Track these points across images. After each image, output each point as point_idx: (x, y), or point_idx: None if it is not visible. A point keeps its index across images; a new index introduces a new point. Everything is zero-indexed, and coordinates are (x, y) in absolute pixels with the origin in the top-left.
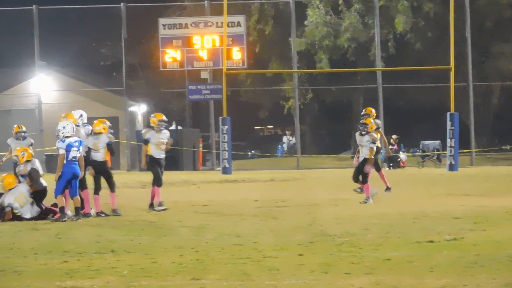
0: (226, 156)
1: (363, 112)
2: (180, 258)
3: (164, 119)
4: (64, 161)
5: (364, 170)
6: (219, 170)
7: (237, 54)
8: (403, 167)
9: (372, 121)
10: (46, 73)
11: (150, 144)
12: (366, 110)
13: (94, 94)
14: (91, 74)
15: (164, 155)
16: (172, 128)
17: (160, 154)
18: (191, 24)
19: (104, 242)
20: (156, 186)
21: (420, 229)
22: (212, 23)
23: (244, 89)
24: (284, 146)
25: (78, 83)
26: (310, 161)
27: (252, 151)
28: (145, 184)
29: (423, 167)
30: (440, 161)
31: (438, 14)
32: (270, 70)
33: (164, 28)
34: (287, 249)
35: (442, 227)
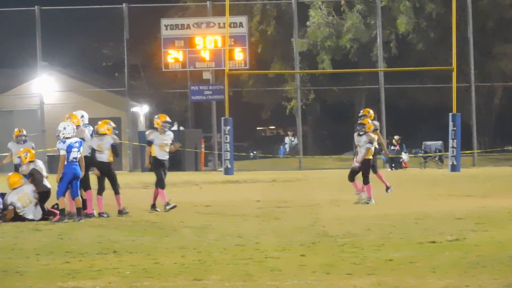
0: (228, 157)
1: (361, 113)
2: (182, 258)
3: (168, 120)
4: (65, 162)
5: (353, 167)
6: (221, 170)
7: (239, 55)
8: (405, 167)
9: (370, 121)
10: (48, 73)
11: (154, 146)
12: (363, 111)
13: (96, 95)
14: (93, 74)
15: (168, 156)
16: (174, 128)
17: (164, 155)
18: (193, 25)
19: (106, 243)
20: (160, 188)
21: (422, 229)
22: (214, 24)
23: (246, 89)
24: (286, 146)
25: (80, 84)
26: (312, 161)
27: (254, 152)
28: (147, 184)
29: (425, 167)
30: (442, 161)
31: (440, 14)
32: (272, 70)
33: (166, 29)
34: (289, 249)
35: (444, 228)
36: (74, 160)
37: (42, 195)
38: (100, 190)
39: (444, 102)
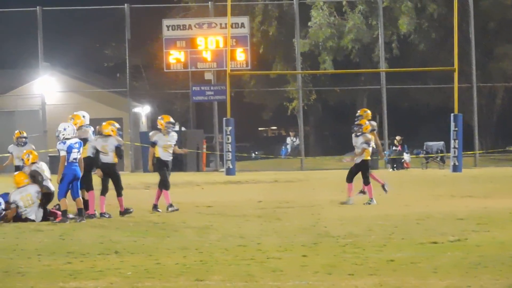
0: (230, 157)
1: (358, 113)
2: (184, 259)
3: (171, 121)
4: (65, 163)
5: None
6: (223, 171)
7: (241, 55)
8: (407, 168)
9: (367, 122)
10: (49, 74)
11: (158, 147)
12: (360, 111)
13: (98, 95)
14: (95, 75)
15: (171, 157)
16: (176, 129)
17: (167, 156)
18: (195, 25)
19: (107, 243)
20: (164, 190)
21: (424, 230)
22: (216, 24)
23: (248, 90)
24: (288, 147)
25: (82, 84)
26: (313, 162)
27: (256, 152)
28: (149, 185)
29: (426, 168)
30: (444, 162)
31: (442, 15)
32: (274, 71)
33: (168, 29)
34: (290, 250)
35: (446, 228)
36: (74, 161)
37: (45, 197)
38: (104, 191)
39: (445, 102)
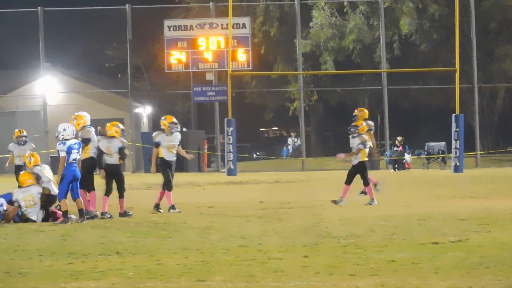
0: (231, 158)
1: (355, 112)
2: (185, 259)
3: (174, 121)
4: (65, 163)
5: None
6: (224, 171)
7: (242, 56)
8: (408, 168)
9: (364, 123)
10: (51, 74)
11: (161, 147)
12: (356, 111)
13: (99, 96)
14: (96, 75)
15: (175, 158)
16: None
17: (171, 157)
18: (196, 26)
19: (109, 244)
20: (167, 190)
21: (425, 230)
22: (217, 25)
23: (249, 90)
24: (289, 147)
25: (83, 85)
26: (315, 162)
27: (257, 153)
28: (150, 185)
29: (428, 168)
30: (445, 162)
31: (443, 15)
32: (275, 71)
33: (169, 30)
34: (292, 250)
35: (447, 229)
36: (74, 161)
37: (48, 199)
38: (107, 192)
39: (447, 103)
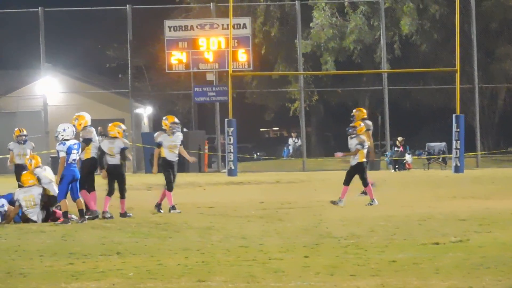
0: (232, 158)
1: (352, 113)
2: (186, 260)
3: (176, 121)
4: (65, 164)
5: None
6: (225, 172)
7: (242, 56)
8: (409, 169)
9: (362, 123)
10: (51, 75)
11: (163, 148)
12: (354, 111)
13: (100, 96)
14: (97, 76)
15: (177, 158)
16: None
17: (173, 157)
18: (196, 26)
19: (109, 244)
20: (167, 191)
21: (426, 231)
22: (218, 25)
23: (249, 91)
24: (290, 148)
25: (84, 85)
26: (315, 163)
27: (258, 153)
28: (151, 186)
29: (428, 169)
30: (445, 163)
31: (444, 16)
32: (276, 72)
33: (170, 30)
34: (292, 251)
35: (448, 229)
36: (73, 162)
37: (49, 200)
38: (110, 192)
39: (447, 103)
